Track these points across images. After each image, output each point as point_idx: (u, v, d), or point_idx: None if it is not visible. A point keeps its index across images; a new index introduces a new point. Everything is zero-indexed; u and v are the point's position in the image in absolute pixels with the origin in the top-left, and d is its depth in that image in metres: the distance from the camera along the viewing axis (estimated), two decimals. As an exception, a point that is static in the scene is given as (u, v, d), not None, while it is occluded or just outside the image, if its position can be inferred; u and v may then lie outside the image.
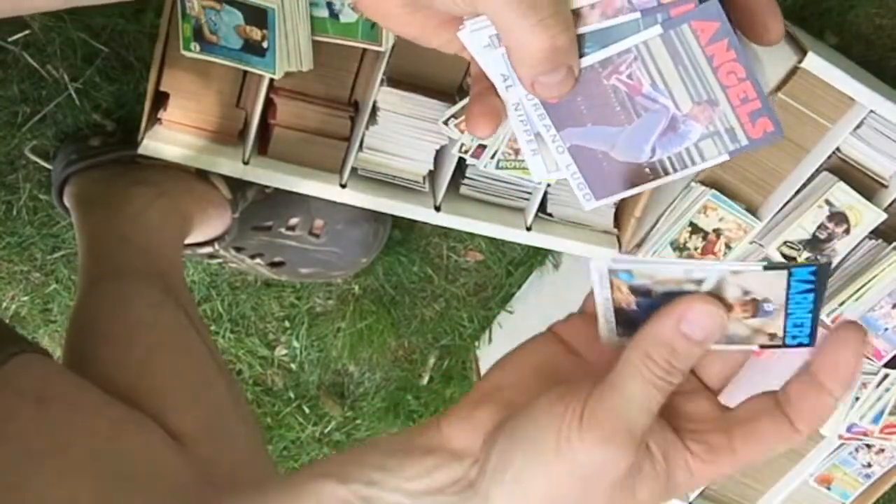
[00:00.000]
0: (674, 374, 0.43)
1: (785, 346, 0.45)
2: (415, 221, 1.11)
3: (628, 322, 0.46)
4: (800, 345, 0.45)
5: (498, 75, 0.45)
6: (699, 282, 0.43)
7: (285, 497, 0.46)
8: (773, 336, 0.45)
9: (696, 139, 0.44)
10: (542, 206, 1.05)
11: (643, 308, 0.45)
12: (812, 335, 0.45)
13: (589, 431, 0.42)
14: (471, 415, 0.46)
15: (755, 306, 0.44)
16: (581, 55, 0.43)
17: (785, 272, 0.42)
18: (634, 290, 0.45)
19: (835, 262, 1.03)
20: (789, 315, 0.44)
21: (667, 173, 0.45)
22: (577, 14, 0.42)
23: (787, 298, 0.43)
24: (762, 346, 0.45)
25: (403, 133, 0.98)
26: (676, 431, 0.45)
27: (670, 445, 0.44)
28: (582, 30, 0.42)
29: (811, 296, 0.43)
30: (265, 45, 0.88)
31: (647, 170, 0.46)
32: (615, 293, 0.46)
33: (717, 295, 0.43)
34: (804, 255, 1.02)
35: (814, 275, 0.42)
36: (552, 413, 0.43)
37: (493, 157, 0.98)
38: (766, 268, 0.42)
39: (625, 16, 0.42)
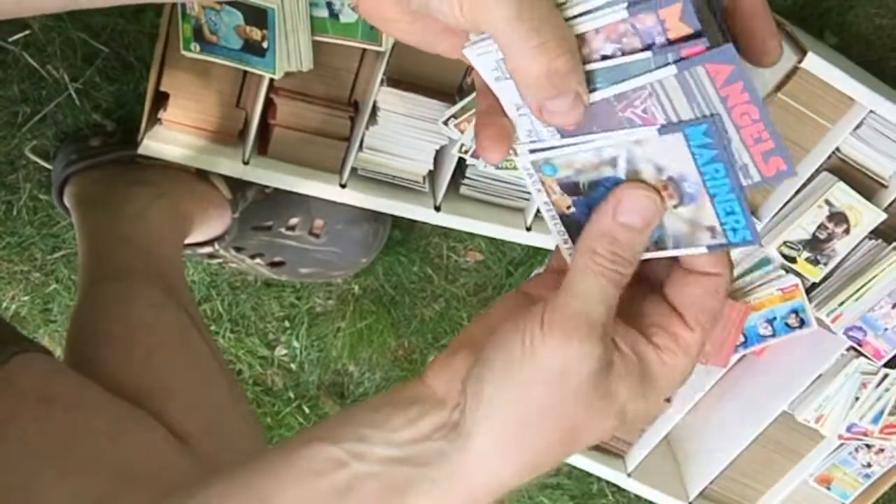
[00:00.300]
0: (621, 263, 0.44)
1: (730, 243, 0.45)
2: (415, 221, 1.12)
3: (577, 230, 0.47)
4: (744, 240, 0.45)
5: (510, 104, 0.45)
6: (613, 162, 0.44)
7: (278, 464, 0.47)
8: (713, 231, 0.45)
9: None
10: (542, 206, 1.05)
11: (580, 208, 0.47)
12: (750, 227, 0.44)
13: (550, 333, 0.43)
14: (448, 362, 0.47)
15: (676, 187, 0.44)
16: (593, 90, 0.43)
17: (681, 135, 0.42)
18: (564, 188, 0.46)
19: (835, 262, 1.03)
20: (713, 197, 0.44)
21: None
22: (581, 39, 0.42)
23: (700, 173, 0.43)
24: (710, 247, 0.45)
25: (403, 133, 0.98)
26: (639, 331, 0.46)
27: (637, 341, 0.45)
28: (593, 66, 0.42)
29: (721, 166, 0.43)
30: (265, 45, 0.88)
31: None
32: (551, 196, 0.47)
33: (635, 178, 0.44)
34: (804, 256, 1.02)
35: (709, 134, 0.42)
36: (513, 329, 0.44)
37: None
38: (660, 130, 0.43)
39: (636, 55, 0.42)
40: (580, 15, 0.42)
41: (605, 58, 0.42)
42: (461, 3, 0.40)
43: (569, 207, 0.47)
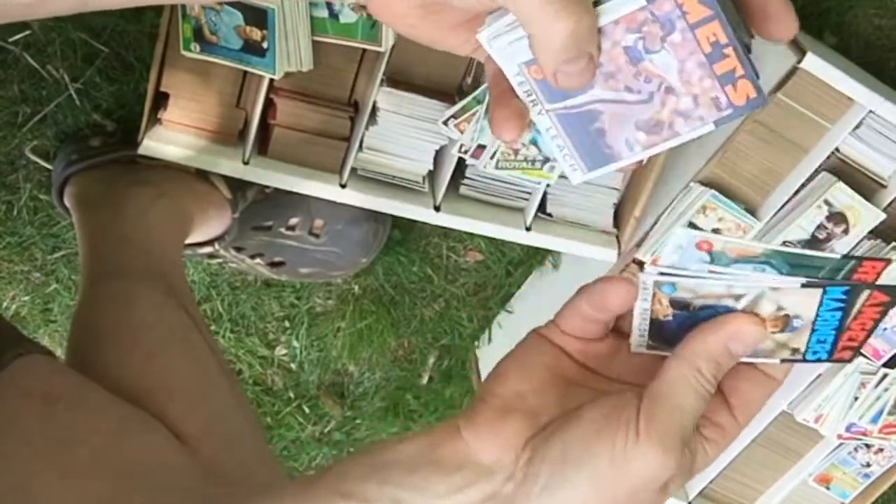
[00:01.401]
0: (715, 385, 0.45)
1: (804, 360, 0.48)
2: (414, 221, 1.12)
3: (660, 333, 0.48)
4: (818, 360, 0.48)
5: (517, 83, 0.45)
6: (738, 297, 0.46)
7: None
8: (795, 351, 0.47)
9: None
10: (542, 207, 1.05)
11: (678, 320, 0.47)
12: (831, 351, 0.47)
13: (648, 443, 0.43)
14: (498, 427, 0.46)
15: (785, 321, 0.46)
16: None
17: (819, 290, 0.45)
18: (674, 303, 0.47)
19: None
20: (815, 331, 0.46)
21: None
22: (601, 31, 0.43)
23: (817, 315, 0.46)
24: (783, 360, 0.48)
25: (403, 133, 0.98)
26: None
27: (692, 439, 0.46)
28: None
29: (839, 314, 0.46)
30: (265, 45, 0.88)
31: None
32: (655, 305, 0.47)
33: (751, 310, 0.46)
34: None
35: (846, 294, 0.45)
36: (603, 430, 0.44)
37: (492, 157, 0.98)
38: (803, 286, 0.45)
39: None
40: (598, 4, 0.42)
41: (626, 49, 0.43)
42: None
43: (666, 316, 0.48)
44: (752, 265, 0.45)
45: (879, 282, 0.45)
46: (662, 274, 0.46)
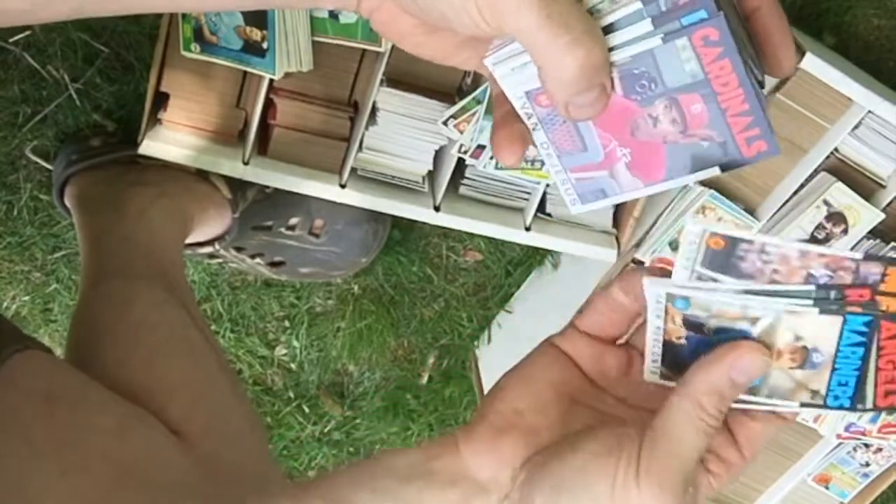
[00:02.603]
0: (720, 419, 0.44)
1: (826, 406, 0.45)
2: (414, 221, 1.12)
3: (674, 359, 0.46)
4: (840, 407, 0.45)
5: (522, 109, 0.45)
6: (754, 320, 0.44)
7: None
8: (815, 393, 0.45)
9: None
10: (542, 207, 1.05)
11: (692, 344, 0.45)
12: (854, 398, 0.45)
13: (647, 484, 0.42)
14: (495, 445, 0.46)
15: (804, 355, 0.44)
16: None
17: (840, 318, 0.42)
18: (687, 323, 0.45)
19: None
20: (835, 371, 0.44)
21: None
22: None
23: (837, 350, 0.44)
24: (802, 405, 0.46)
25: (403, 133, 0.99)
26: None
27: (697, 473, 0.45)
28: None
29: (861, 350, 0.43)
30: (265, 45, 0.88)
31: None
32: (668, 324, 0.46)
33: (768, 338, 0.44)
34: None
35: (867, 326, 0.43)
36: (603, 465, 0.43)
37: (492, 157, 0.98)
38: (821, 311, 0.42)
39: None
40: (608, 32, 0.41)
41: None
42: (482, 13, 0.40)
43: (679, 338, 0.46)
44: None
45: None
46: (675, 286, 0.44)
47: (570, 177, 0.46)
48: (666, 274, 0.45)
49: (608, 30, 0.42)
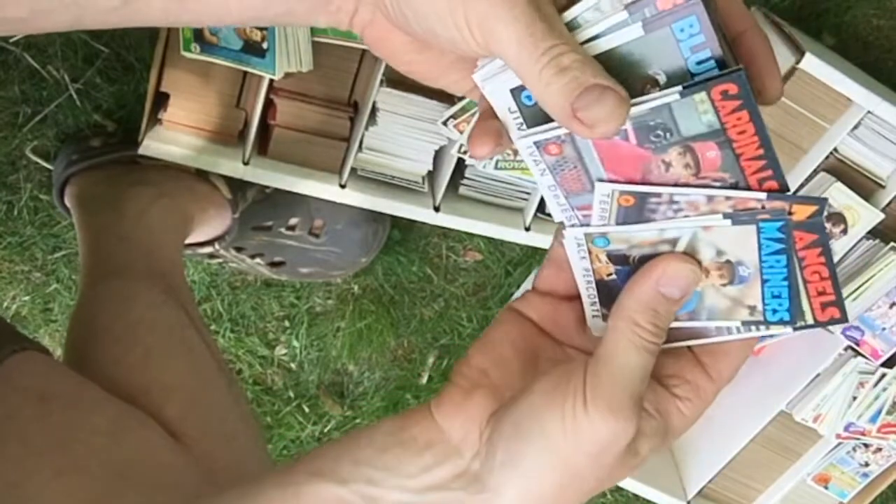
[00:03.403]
0: (659, 334, 0.44)
1: (766, 322, 0.46)
2: (414, 221, 1.12)
3: (609, 296, 0.47)
4: (781, 321, 0.45)
5: (512, 122, 0.45)
6: (673, 242, 0.44)
7: (284, 498, 0.46)
8: (752, 309, 0.45)
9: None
10: (541, 207, 1.05)
11: (622, 277, 0.46)
12: (791, 309, 0.45)
13: (595, 409, 0.42)
14: (463, 404, 0.46)
15: (731, 270, 0.44)
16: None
17: (753, 227, 0.43)
18: (612, 258, 0.46)
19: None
20: (765, 282, 0.44)
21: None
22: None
23: (761, 261, 0.44)
24: (744, 323, 0.46)
25: (403, 133, 0.99)
26: (659, 382, 0.46)
27: (661, 398, 0.45)
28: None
29: (783, 259, 0.43)
30: (265, 45, 0.88)
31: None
32: (594, 263, 0.46)
33: (692, 257, 0.44)
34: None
35: (782, 231, 0.43)
36: (552, 400, 0.43)
37: (491, 157, 0.98)
38: (733, 222, 0.43)
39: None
40: (592, 39, 0.41)
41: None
42: (471, 30, 0.40)
43: (609, 275, 0.47)
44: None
45: (795, 217, 0.42)
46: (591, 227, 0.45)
47: (577, 213, 0.46)
48: None
49: (594, 39, 0.41)
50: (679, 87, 0.41)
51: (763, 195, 0.42)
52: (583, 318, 0.50)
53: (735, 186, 0.43)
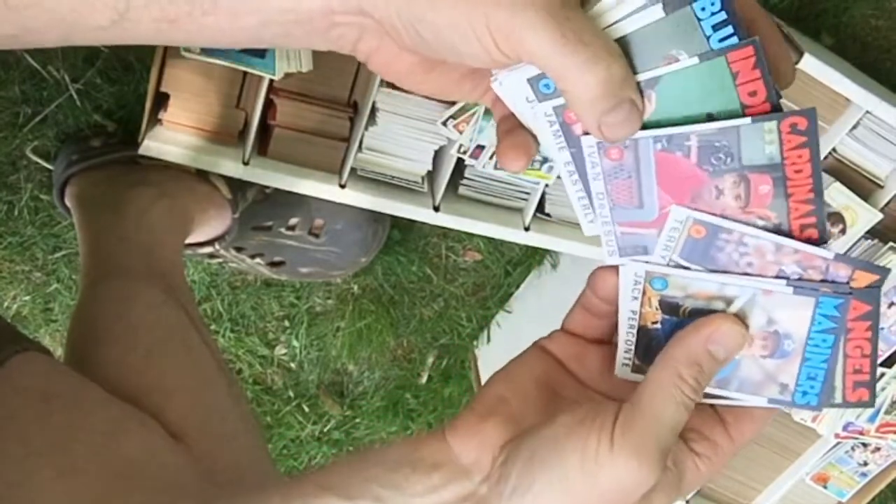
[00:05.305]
0: (699, 392, 0.44)
1: (793, 403, 0.45)
2: (414, 221, 1.12)
3: (647, 346, 0.46)
4: (808, 405, 0.45)
5: (547, 132, 0.45)
6: (729, 301, 0.44)
7: None
8: (784, 387, 0.45)
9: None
10: (541, 207, 1.06)
11: (666, 328, 0.46)
12: (821, 394, 0.45)
13: (621, 452, 0.42)
14: (478, 429, 0.46)
15: (776, 342, 0.44)
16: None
17: (813, 300, 0.43)
18: (663, 305, 0.45)
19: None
20: (805, 361, 0.44)
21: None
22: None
23: (808, 337, 0.44)
24: (770, 401, 0.46)
25: (402, 134, 0.99)
26: (679, 435, 0.45)
27: (679, 452, 0.45)
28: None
29: (831, 339, 0.43)
30: (265, 46, 0.88)
31: None
32: (644, 307, 0.46)
33: (743, 321, 0.44)
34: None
35: (839, 310, 0.43)
36: (576, 435, 0.43)
37: (491, 157, 0.98)
38: (795, 290, 0.43)
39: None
40: (617, 22, 0.41)
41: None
42: (496, 40, 0.39)
43: (654, 323, 0.46)
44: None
45: (854, 284, 0.42)
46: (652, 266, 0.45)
47: (617, 229, 0.46)
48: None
49: (616, 24, 0.42)
50: (749, 119, 0.41)
51: (830, 254, 0.42)
52: (609, 363, 0.49)
53: (777, 229, 0.43)
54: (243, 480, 0.73)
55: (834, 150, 0.98)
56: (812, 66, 0.91)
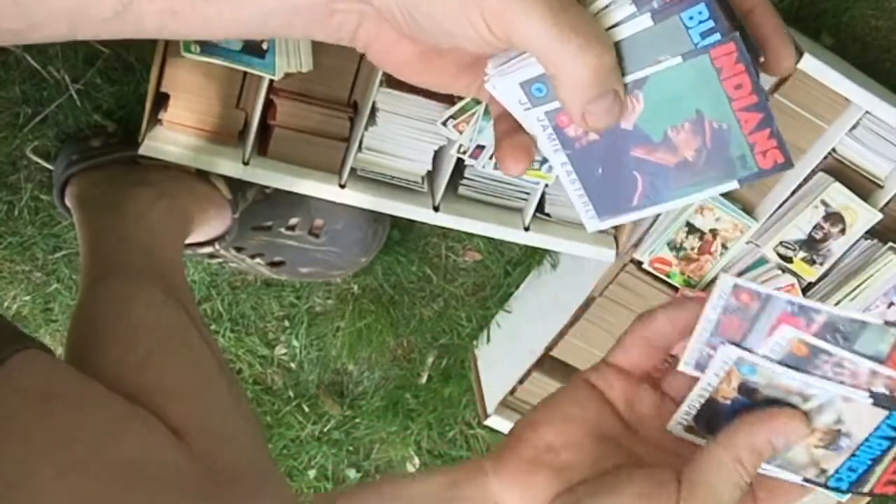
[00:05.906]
0: (754, 475, 0.45)
1: (826, 486, 0.47)
2: (413, 221, 1.12)
3: (709, 415, 0.47)
4: (837, 489, 0.47)
5: (542, 135, 0.45)
6: (807, 398, 0.45)
7: None
8: (823, 472, 0.46)
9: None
10: (540, 207, 1.06)
11: (735, 406, 0.47)
12: (853, 484, 0.46)
13: None
14: (527, 480, 0.47)
15: (834, 437, 0.46)
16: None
17: (884, 412, 0.44)
18: (742, 387, 0.46)
19: (831, 262, 1.03)
20: (854, 456, 0.46)
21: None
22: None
23: (866, 439, 0.45)
24: (806, 480, 0.47)
25: (402, 134, 0.99)
26: None
27: None
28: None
29: (886, 444, 0.45)
30: (265, 46, 0.88)
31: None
32: (722, 383, 0.47)
33: (811, 415, 0.46)
34: (800, 256, 1.02)
35: None
36: None
37: (491, 157, 0.98)
38: (874, 403, 0.44)
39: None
40: (607, 30, 0.42)
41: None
42: (489, 24, 0.40)
43: (725, 398, 0.47)
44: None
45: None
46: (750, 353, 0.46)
47: (707, 350, 0.47)
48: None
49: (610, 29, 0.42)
50: (881, 320, 0.44)
51: None
52: (659, 409, 0.50)
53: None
54: (244, 480, 0.73)
55: (833, 149, 0.98)
56: (812, 66, 0.91)
